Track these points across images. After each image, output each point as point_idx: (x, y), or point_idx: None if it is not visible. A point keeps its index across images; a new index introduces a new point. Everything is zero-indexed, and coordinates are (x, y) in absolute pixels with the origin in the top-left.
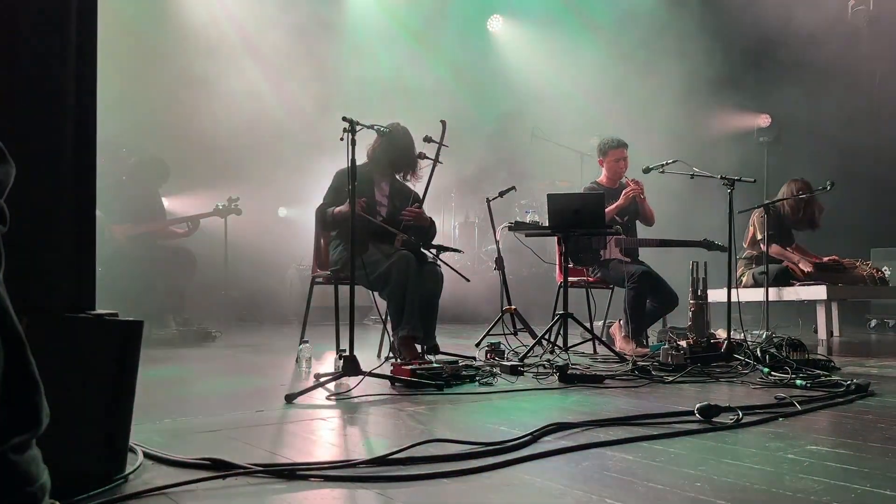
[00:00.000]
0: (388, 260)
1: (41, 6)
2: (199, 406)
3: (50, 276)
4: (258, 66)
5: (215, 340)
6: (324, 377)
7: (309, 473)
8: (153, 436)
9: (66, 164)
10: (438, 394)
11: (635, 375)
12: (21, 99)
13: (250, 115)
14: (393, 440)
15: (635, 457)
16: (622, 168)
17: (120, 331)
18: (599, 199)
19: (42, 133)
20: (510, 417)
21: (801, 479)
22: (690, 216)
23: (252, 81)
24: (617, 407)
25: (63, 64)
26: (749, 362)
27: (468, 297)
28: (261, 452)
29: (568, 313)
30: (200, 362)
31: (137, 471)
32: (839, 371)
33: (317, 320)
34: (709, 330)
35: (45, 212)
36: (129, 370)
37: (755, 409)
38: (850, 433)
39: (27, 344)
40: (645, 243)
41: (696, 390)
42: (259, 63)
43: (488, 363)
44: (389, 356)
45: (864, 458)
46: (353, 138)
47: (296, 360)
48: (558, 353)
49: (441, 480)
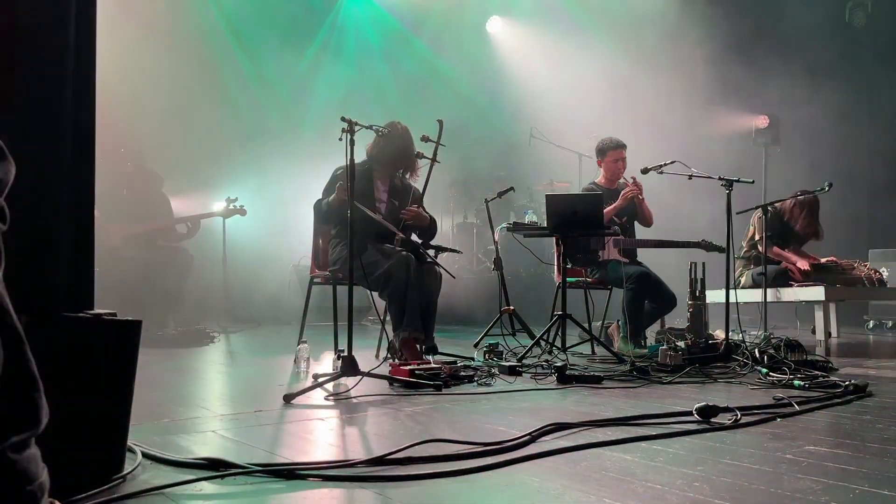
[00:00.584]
0: (387, 260)
1: (40, 7)
2: (198, 406)
3: (48, 276)
4: (255, 65)
5: (213, 341)
6: (322, 377)
7: (307, 473)
8: (152, 435)
9: (65, 163)
10: (437, 394)
11: (633, 376)
12: (20, 98)
13: (248, 116)
14: (391, 440)
15: (634, 457)
16: (620, 169)
17: (118, 330)
18: (598, 199)
19: (41, 132)
20: (509, 418)
21: (800, 479)
22: (689, 217)
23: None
24: (615, 407)
25: (62, 63)
26: (747, 363)
27: (467, 297)
28: (259, 452)
29: (566, 314)
30: (198, 362)
31: (136, 470)
32: (837, 372)
33: (315, 320)
34: (707, 331)
35: (44, 211)
36: (127, 370)
37: (753, 410)
38: (848, 433)
39: (27, 342)
40: (643, 244)
41: (695, 391)
42: (256, 62)
43: (487, 364)
44: (388, 356)
45: (862, 459)
46: (351, 138)
47: (294, 361)
48: (557, 354)
49: (439, 480)
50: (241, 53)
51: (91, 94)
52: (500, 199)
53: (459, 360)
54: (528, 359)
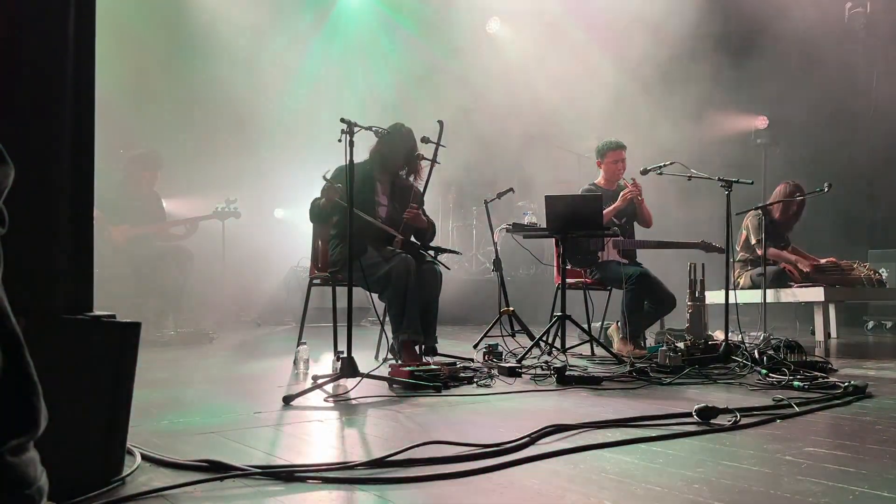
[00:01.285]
0: (387, 262)
1: (40, 6)
2: (197, 408)
3: (48, 278)
4: (255, 66)
5: (212, 342)
6: (322, 379)
7: (307, 475)
8: (151, 437)
9: (63, 165)
10: (437, 395)
11: (633, 377)
12: (19, 99)
13: (247, 116)
14: (391, 442)
15: (633, 458)
16: (620, 169)
17: (118, 332)
18: (597, 200)
19: (40, 134)
20: (508, 419)
21: (799, 480)
22: (688, 218)
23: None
24: (615, 409)
25: (61, 65)
26: (747, 364)
27: (466, 298)
28: (258, 454)
29: (566, 315)
30: (197, 364)
31: (135, 473)
32: (837, 373)
33: (315, 322)
34: (706, 331)
35: (43, 213)
36: (126, 372)
37: (753, 411)
38: (847, 435)
39: (25, 345)
40: (643, 245)
41: (694, 392)
42: (256, 64)
43: (486, 365)
44: (388, 357)
45: (861, 460)
46: (351, 140)
47: (293, 362)
48: (556, 355)
49: (439, 482)
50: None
51: (91, 93)
52: (499, 199)
53: (459, 362)
54: (527, 360)
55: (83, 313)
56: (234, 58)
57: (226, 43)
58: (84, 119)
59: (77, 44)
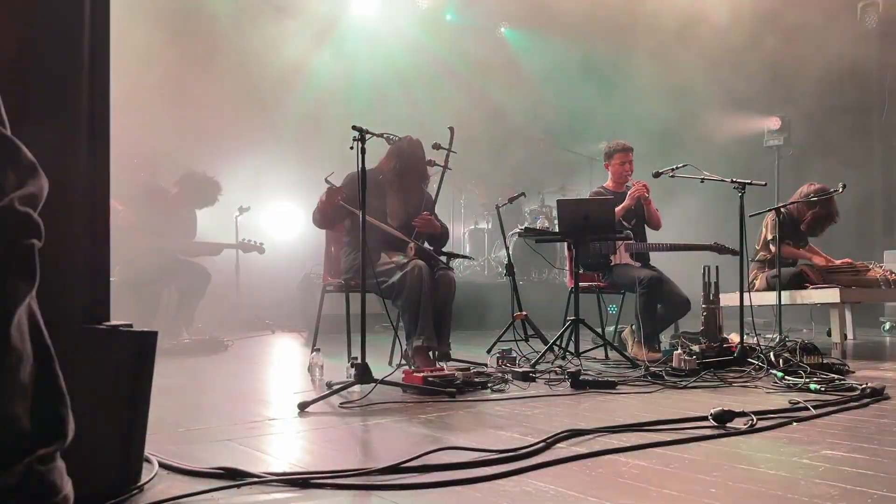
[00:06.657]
0: (400, 269)
1: (54, 7)
2: (213, 415)
3: (66, 288)
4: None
5: (227, 350)
6: (336, 385)
7: (323, 482)
8: (167, 445)
9: (80, 176)
10: (451, 401)
11: (648, 381)
12: (35, 112)
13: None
14: (406, 448)
15: (649, 463)
16: (627, 171)
17: (134, 342)
18: (609, 204)
19: (56, 146)
20: (523, 424)
21: (817, 484)
22: (701, 220)
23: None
24: (630, 413)
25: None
26: (762, 366)
27: (479, 303)
28: (274, 461)
29: (579, 319)
30: (213, 371)
31: (153, 480)
32: (853, 374)
33: (328, 328)
34: (721, 334)
35: (60, 224)
36: (143, 381)
37: (769, 414)
38: (865, 437)
39: (55, 358)
40: (655, 248)
41: (710, 395)
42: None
43: (500, 370)
44: (402, 363)
45: (880, 463)
46: (362, 147)
47: (308, 369)
48: (570, 359)
49: (455, 488)
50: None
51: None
52: (511, 204)
53: (473, 367)
54: (541, 364)
55: (100, 323)
56: (249, 62)
57: (237, 42)
58: (100, 131)
59: (92, 47)
